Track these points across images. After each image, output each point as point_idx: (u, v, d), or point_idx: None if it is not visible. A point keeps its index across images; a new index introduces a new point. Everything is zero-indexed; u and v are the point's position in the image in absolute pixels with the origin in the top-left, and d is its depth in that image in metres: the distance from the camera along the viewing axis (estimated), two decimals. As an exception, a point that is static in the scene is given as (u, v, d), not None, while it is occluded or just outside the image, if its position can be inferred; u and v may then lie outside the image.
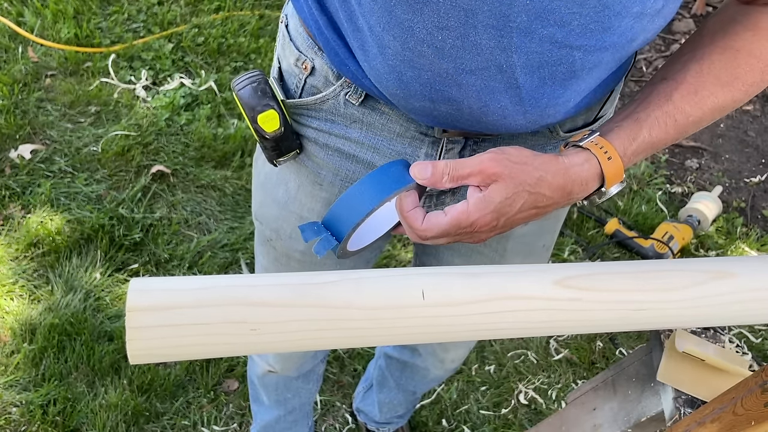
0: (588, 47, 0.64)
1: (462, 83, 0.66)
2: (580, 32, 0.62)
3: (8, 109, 2.13)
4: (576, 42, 0.63)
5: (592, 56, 0.65)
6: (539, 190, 0.65)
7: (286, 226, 0.95)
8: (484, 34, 0.62)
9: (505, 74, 0.65)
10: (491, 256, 0.98)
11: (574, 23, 0.61)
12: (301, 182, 0.89)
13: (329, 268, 0.97)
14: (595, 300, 0.58)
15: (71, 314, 1.71)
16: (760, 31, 0.69)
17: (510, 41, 0.62)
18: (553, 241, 1.03)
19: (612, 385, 0.92)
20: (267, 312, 0.51)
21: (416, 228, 0.66)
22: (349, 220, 0.65)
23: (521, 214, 0.67)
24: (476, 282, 0.56)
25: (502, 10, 0.60)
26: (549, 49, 0.63)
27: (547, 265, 0.60)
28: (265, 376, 1.31)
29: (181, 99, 2.27)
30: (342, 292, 0.53)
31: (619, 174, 0.68)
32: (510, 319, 0.56)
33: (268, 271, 1.06)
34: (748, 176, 2.44)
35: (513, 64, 0.64)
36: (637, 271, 0.60)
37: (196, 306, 0.50)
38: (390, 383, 1.49)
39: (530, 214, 0.68)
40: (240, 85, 0.78)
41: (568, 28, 0.62)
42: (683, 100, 0.69)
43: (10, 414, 1.57)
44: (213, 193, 2.07)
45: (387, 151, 0.81)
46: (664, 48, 2.84)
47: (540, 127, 0.74)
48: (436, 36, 0.63)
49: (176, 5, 2.60)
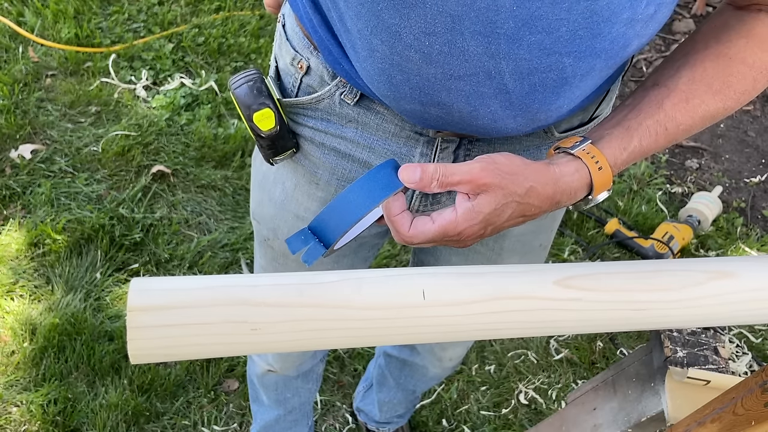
0: (578, 54, 0.63)
1: (451, 88, 0.66)
2: (569, 39, 0.62)
3: (8, 109, 2.13)
4: (565, 49, 0.62)
5: (583, 63, 0.64)
6: (528, 200, 0.66)
7: (283, 225, 0.95)
8: (471, 40, 0.62)
9: (494, 80, 0.65)
10: (488, 255, 0.98)
11: (562, 29, 0.61)
12: (298, 181, 0.90)
13: (326, 267, 0.97)
14: (595, 300, 0.58)
15: (71, 314, 1.72)
16: (753, 38, 0.68)
17: (498, 48, 0.62)
18: (550, 240, 1.03)
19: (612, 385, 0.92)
20: (267, 312, 0.51)
21: (402, 233, 0.66)
22: (338, 228, 0.65)
23: (508, 222, 0.68)
24: (476, 282, 0.56)
25: (489, 16, 0.59)
26: (538, 56, 0.63)
27: (547, 265, 0.60)
28: (264, 375, 1.31)
29: (182, 99, 2.27)
30: (342, 292, 0.53)
31: (608, 183, 0.68)
32: (510, 319, 0.56)
33: (266, 271, 1.06)
34: (748, 176, 2.44)
35: (502, 70, 0.64)
36: (637, 271, 0.60)
37: (196, 306, 0.50)
38: (390, 382, 1.49)
39: (517, 221, 0.68)
40: (237, 83, 0.79)
41: (556, 34, 0.61)
42: (675, 108, 0.69)
43: (10, 414, 1.57)
44: (213, 193, 2.07)
45: (382, 151, 0.81)
46: (664, 48, 2.84)
47: (533, 129, 0.74)
48: (424, 41, 0.63)
49: (176, 5, 2.61)
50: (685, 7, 2.99)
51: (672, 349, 0.82)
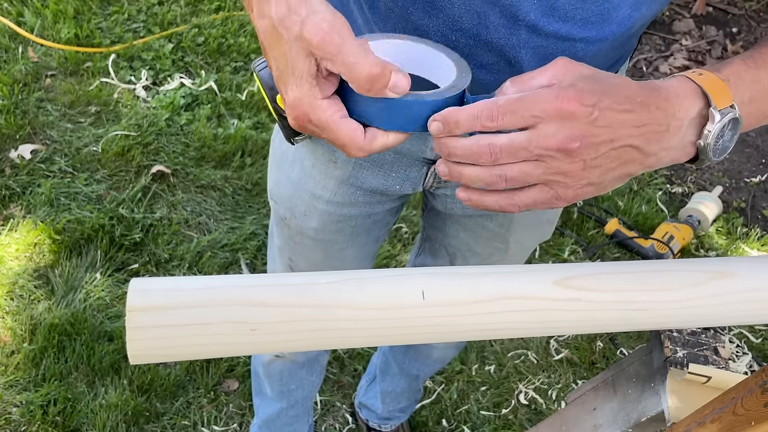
0: (589, 39, 0.66)
1: (473, 77, 0.69)
2: (582, 25, 0.65)
3: (8, 109, 2.13)
4: (578, 34, 0.66)
5: (593, 46, 0.68)
6: (623, 105, 0.54)
7: (300, 204, 0.96)
8: (495, 33, 0.65)
9: (513, 68, 0.68)
10: (497, 231, 0.98)
11: (577, 17, 0.64)
12: (316, 160, 0.90)
13: (340, 246, 0.99)
14: (595, 300, 0.57)
15: (71, 314, 1.71)
16: None
17: (519, 38, 0.65)
18: (557, 216, 1.04)
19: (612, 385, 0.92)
20: (267, 312, 0.51)
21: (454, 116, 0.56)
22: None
23: (614, 150, 0.54)
24: (476, 282, 0.56)
25: (512, 10, 0.63)
26: (554, 42, 0.66)
27: (547, 265, 0.60)
28: (271, 363, 1.32)
29: (181, 99, 2.27)
30: (342, 292, 0.53)
31: (724, 91, 0.57)
32: (510, 319, 0.56)
33: (282, 251, 1.07)
34: (748, 176, 2.44)
35: (521, 58, 0.67)
36: (637, 271, 0.60)
37: (196, 306, 0.50)
38: (393, 369, 1.50)
39: (626, 159, 0.56)
40: (260, 65, 0.80)
41: (571, 22, 0.64)
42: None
43: (10, 414, 1.57)
44: (213, 193, 2.07)
45: None
46: (664, 48, 2.84)
47: None
48: (450, 37, 0.66)
49: (176, 5, 2.60)
50: (685, 7, 2.99)
51: (672, 349, 0.81)
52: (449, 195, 0.94)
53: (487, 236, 0.99)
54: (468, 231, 1.01)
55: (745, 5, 3.03)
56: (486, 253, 1.02)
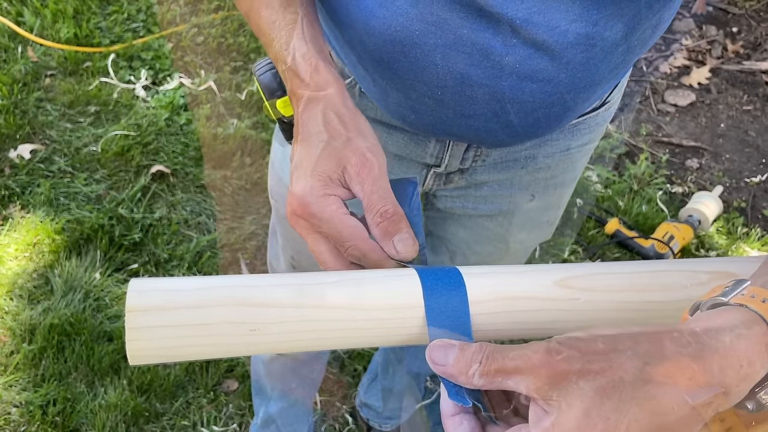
0: (578, 89, 0.68)
1: (462, 124, 0.72)
2: (569, 82, 0.66)
3: (8, 109, 2.13)
4: (566, 89, 0.67)
5: (584, 93, 0.69)
6: (652, 390, 0.39)
7: None
8: (479, 90, 0.67)
9: (500, 118, 0.70)
10: (497, 231, 0.99)
11: (562, 76, 0.65)
12: None
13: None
14: (595, 300, 0.57)
15: (71, 314, 1.71)
16: None
17: (502, 95, 0.67)
18: (557, 217, 1.04)
19: (612, 385, 0.92)
20: (267, 312, 0.51)
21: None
22: None
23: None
24: (476, 282, 0.56)
25: (493, 73, 0.65)
26: (540, 97, 0.67)
27: (547, 265, 0.60)
28: (272, 361, 1.32)
29: (181, 99, 2.27)
30: (342, 292, 0.53)
31: None
32: (510, 319, 0.56)
33: (285, 250, 1.07)
34: (748, 176, 2.44)
35: (507, 110, 0.69)
36: (637, 271, 0.60)
37: (195, 306, 0.50)
38: (395, 366, 1.50)
39: None
40: (261, 70, 0.80)
41: (555, 80, 0.66)
42: None
43: (9, 414, 1.57)
44: (213, 193, 2.07)
45: (396, 143, 0.86)
46: (664, 48, 2.84)
47: (543, 141, 0.80)
48: (436, 92, 0.69)
49: (176, 5, 2.60)
50: (685, 7, 2.99)
51: (672, 349, 0.81)
52: (449, 195, 0.94)
53: (487, 236, 1.00)
54: (468, 230, 1.01)
55: (745, 5, 3.03)
56: (486, 252, 1.02)
